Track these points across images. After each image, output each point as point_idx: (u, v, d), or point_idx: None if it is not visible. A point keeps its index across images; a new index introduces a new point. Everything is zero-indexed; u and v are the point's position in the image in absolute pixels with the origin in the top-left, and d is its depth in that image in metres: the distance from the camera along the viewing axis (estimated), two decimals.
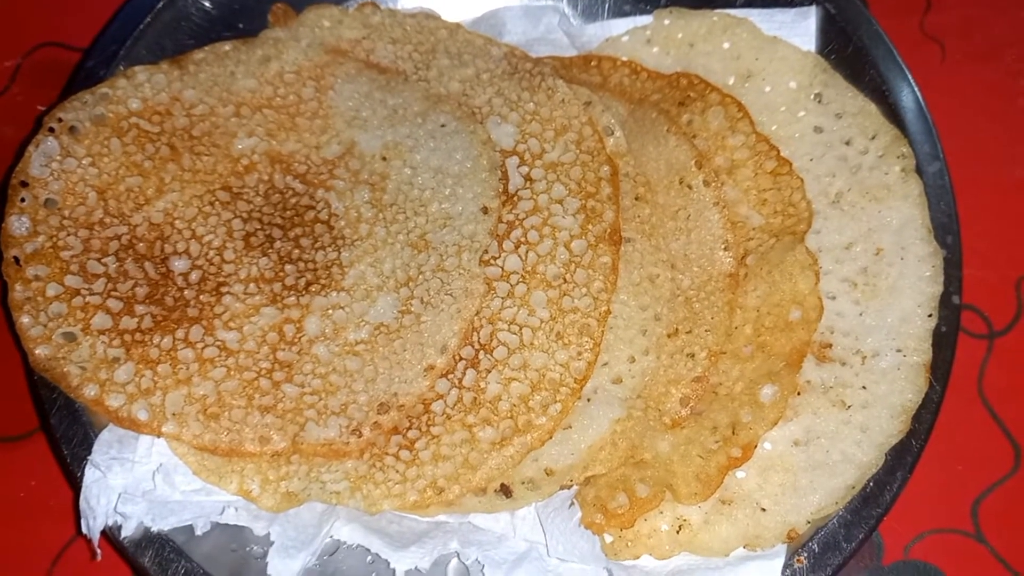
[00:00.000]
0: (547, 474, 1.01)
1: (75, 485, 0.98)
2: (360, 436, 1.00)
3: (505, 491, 1.00)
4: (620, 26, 1.20)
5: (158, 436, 0.99)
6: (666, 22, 1.19)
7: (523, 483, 1.01)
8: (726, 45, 1.17)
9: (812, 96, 1.14)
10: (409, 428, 1.02)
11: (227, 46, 1.15)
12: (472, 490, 1.00)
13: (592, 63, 1.21)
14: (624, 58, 1.20)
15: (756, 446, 1.00)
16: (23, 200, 1.03)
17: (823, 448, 1.01)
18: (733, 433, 1.01)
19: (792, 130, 1.14)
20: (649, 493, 0.99)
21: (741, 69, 1.16)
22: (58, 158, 1.04)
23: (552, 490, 1.01)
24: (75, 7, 1.25)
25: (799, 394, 1.03)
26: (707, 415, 1.03)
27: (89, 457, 0.97)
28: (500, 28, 1.21)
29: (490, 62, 1.17)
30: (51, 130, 1.05)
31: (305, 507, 1.00)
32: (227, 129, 1.11)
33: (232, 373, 1.01)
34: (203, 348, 1.02)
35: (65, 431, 1.00)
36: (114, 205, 1.06)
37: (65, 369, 0.98)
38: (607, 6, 1.25)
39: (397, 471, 1.00)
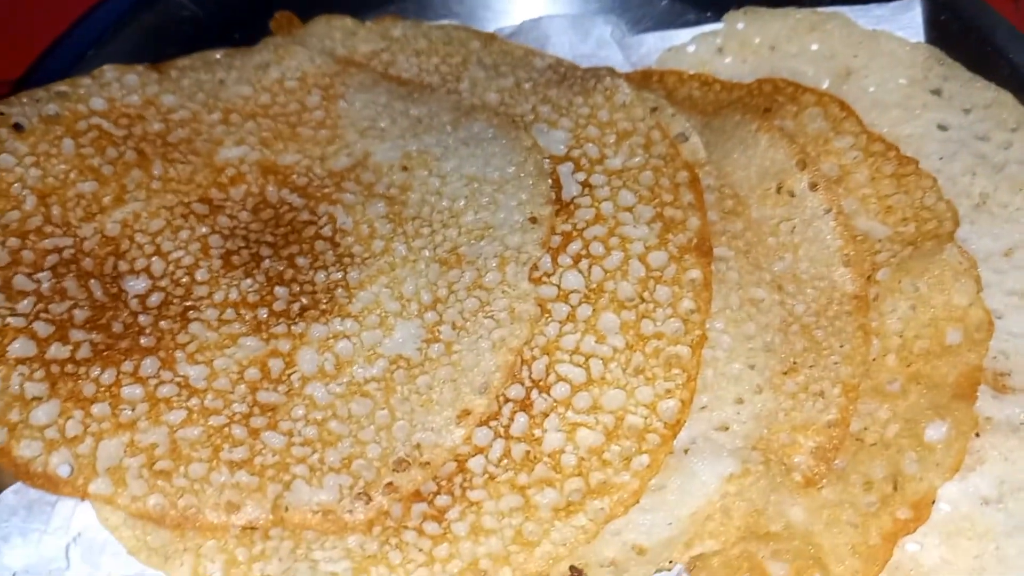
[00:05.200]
0: (636, 552, 0.71)
1: None
2: (368, 502, 0.71)
3: None
4: (684, 35, 1.02)
5: (83, 499, 0.70)
6: (740, 26, 1.00)
7: (602, 565, 0.71)
8: (815, 46, 0.98)
9: (929, 91, 0.93)
10: (437, 493, 0.73)
11: (218, 53, 0.96)
12: None
13: (654, 78, 1.01)
14: (691, 72, 1.01)
15: (933, 502, 0.70)
16: None
17: None
18: (895, 489, 0.72)
19: (909, 129, 0.92)
20: (790, 572, 0.68)
21: (837, 69, 0.96)
22: None
23: (645, 574, 0.70)
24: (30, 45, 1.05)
25: (977, 435, 0.74)
26: (853, 468, 0.74)
27: None
28: (543, 42, 1.03)
29: (533, 72, 0.98)
30: None
31: None
32: (211, 136, 0.90)
33: (194, 417, 0.74)
34: (157, 385, 0.75)
35: None
36: (58, 212, 0.82)
37: None
38: (664, 16, 1.07)
39: (421, 549, 0.70)
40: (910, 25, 0.97)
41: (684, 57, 1.01)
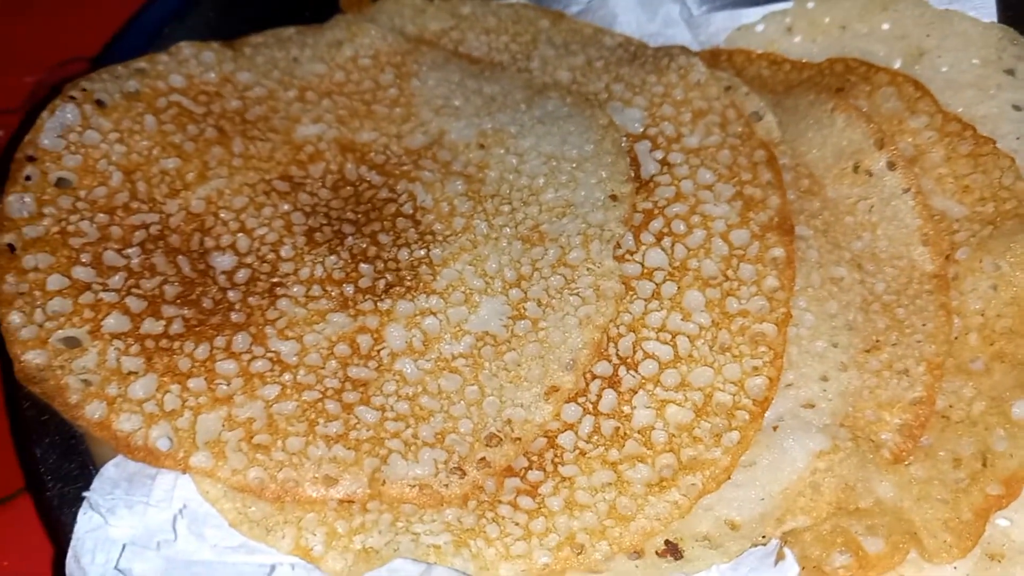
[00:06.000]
0: (730, 527, 0.72)
1: (60, 540, 0.68)
2: (463, 476, 0.72)
3: (672, 551, 0.71)
4: (752, 14, 1.01)
5: (184, 472, 0.71)
6: (810, 5, 1.00)
7: (697, 540, 0.71)
8: (886, 26, 0.98)
9: (1003, 71, 0.93)
10: (529, 468, 0.74)
11: (291, 30, 0.96)
12: (624, 550, 0.70)
13: (722, 58, 1.01)
14: (760, 51, 1.01)
15: None
16: (28, 178, 0.80)
17: None
18: (984, 465, 0.72)
19: (983, 110, 0.92)
20: (885, 547, 0.69)
21: (909, 49, 0.96)
22: (77, 129, 0.83)
23: (740, 548, 0.71)
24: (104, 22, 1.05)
25: None
26: (940, 445, 0.75)
27: (85, 495, 0.68)
28: (611, 21, 1.03)
29: (603, 51, 0.98)
30: (72, 98, 0.84)
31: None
32: (288, 114, 0.90)
33: (289, 392, 0.74)
34: (250, 360, 0.75)
35: (55, 465, 0.72)
36: (144, 189, 0.83)
37: (63, 382, 0.72)
38: None
39: (517, 523, 0.71)
40: (983, 5, 0.97)
41: (753, 36, 1.01)
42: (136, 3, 0.97)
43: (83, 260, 0.78)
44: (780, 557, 0.70)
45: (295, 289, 0.80)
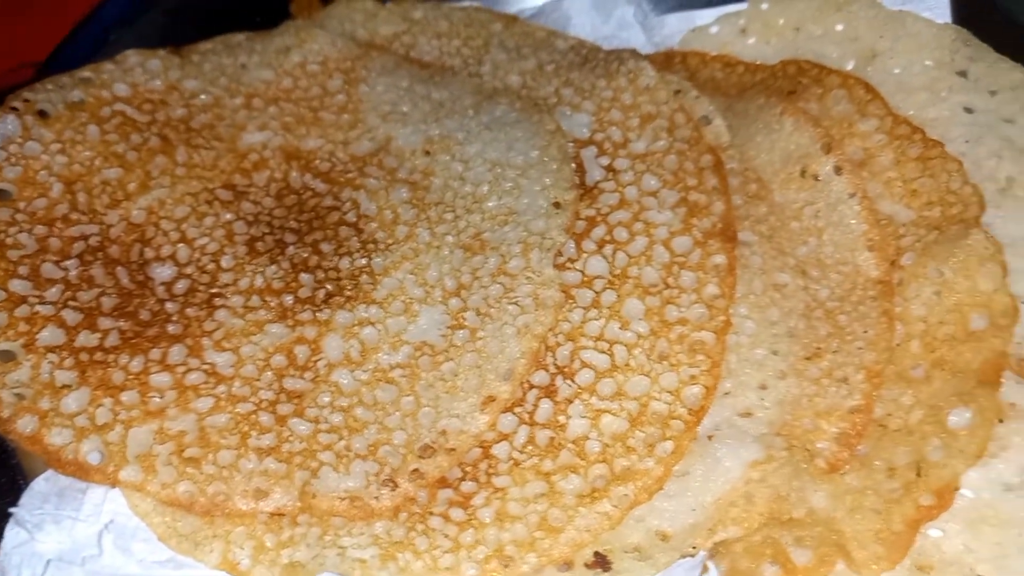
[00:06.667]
0: (660, 539, 0.71)
1: None
2: (395, 488, 0.72)
3: (601, 562, 0.70)
4: (707, 16, 1.01)
5: (113, 486, 0.71)
6: (764, 6, 0.99)
7: (627, 552, 0.71)
8: (839, 28, 0.97)
9: (955, 73, 0.92)
10: (462, 479, 0.74)
11: (240, 36, 0.96)
12: (554, 562, 0.70)
13: (676, 60, 1.01)
14: (714, 53, 1.00)
15: (957, 489, 0.71)
16: None
17: None
18: (918, 475, 0.72)
19: (935, 112, 0.90)
20: (812, 559, 0.69)
21: (862, 51, 0.95)
22: (18, 140, 0.83)
23: (669, 560, 0.70)
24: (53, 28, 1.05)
25: (1002, 421, 0.74)
26: (876, 455, 0.75)
27: (12, 511, 0.69)
28: (564, 23, 1.02)
29: (555, 54, 0.97)
30: (13, 109, 0.84)
31: None
32: (234, 122, 0.90)
33: (222, 404, 0.74)
34: (185, 372, 0.76)
35: None
36: (84, 200, 0.83)
37: None
38: None
39: (446, 535, 0.71)
40: (936, 6, 0.96)
41: (707, 38, 1.00)
42: (85, 8, 0.97)
43: (20, 272, 0.78)
44: (704, 571, 0.70)
45: (234, 300, 0.80)
